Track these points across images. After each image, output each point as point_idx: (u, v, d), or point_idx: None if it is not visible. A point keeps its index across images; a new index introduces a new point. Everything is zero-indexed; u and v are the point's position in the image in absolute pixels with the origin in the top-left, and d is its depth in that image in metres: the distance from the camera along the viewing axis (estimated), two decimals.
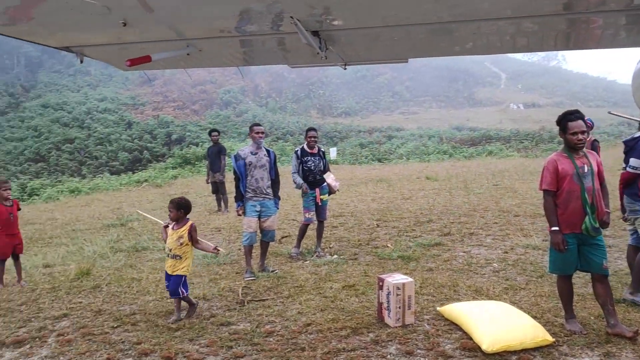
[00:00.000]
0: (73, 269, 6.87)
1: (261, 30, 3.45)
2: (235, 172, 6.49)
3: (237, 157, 6.48)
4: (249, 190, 6.42)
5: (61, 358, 4.22)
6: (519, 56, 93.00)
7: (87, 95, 63.39)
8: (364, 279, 6.06)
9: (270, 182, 6.53)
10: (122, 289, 6.07)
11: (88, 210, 13.14)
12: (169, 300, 5.48)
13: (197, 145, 37.73)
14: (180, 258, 4.98)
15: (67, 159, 46.15)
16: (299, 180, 7.24)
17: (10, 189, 6.60)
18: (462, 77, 72.81)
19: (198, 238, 5.10)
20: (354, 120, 55.32)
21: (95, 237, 9.31)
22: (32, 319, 5.16)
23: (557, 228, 4.24)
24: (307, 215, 7.37)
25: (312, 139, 7.26)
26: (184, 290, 4.99)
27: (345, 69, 4.45)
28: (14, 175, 43.49)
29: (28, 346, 4.51)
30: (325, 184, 7.47)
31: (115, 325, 4.88)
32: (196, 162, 26.53)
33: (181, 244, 4.95)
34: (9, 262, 6.60)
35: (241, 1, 2.82)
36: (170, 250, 5.00)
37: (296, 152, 7.36)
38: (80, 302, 5.63)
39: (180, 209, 5.02)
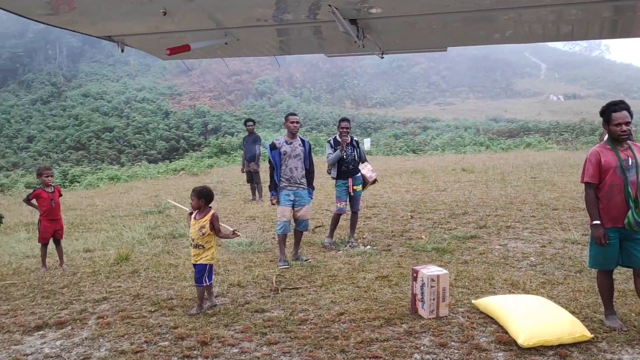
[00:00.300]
0: (112, 254, 7.07)
1: (298, 19, 3.44)
2: (270, 162, 6.53)
3: (272, 147, 6.52)
4: (283, 180, 6.46)
5: (101, 340, 4.35)
6: (559, 46, 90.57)
7: (126, 84, 64.80)
8: (398, 270, 6.03)
9: (304, 172, 6.55)
10: (159, 274, 6.20)
11: (127, 198, 13.45)
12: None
13: (232, 135, 38.14)
14: (203, 247, 4.94)
15: (107, 147, 47.35)
16: (335, 156, 7.18)
17: (52, 176, 6.80)
18: (500, 67, 71.40)
19: (221, 225, 5.04)
20: (388, 111, 54.96)
21: (133, 223, 9.53)
22: (74, 302, 5.33)
23: (598, 222, 4.12)
24: (339, 205, 7.37)
25: (345, 129, 7.24)
26: (207, 280, 4.97)
27: (382, 57, 4.40)
28: (55, 162, 44.89)
29: (69, 327, 4.67)
30: (359, 174, 7.44)
31: (153, 310, 5.00)
32: (231, 152, 26.82)
33: (203, 233, 4.91)
34: (52, 246, 6.82)
35: None
36: (193, 240, 4.99)
37: (329, 141, 7.35)
38: (120, 286, 5.78)
39: (201, 197, 4.93)
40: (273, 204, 6.63)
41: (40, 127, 54.63)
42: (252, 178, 12.00)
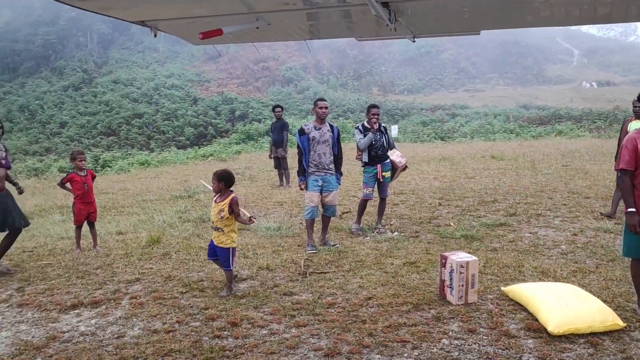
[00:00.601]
0: (144, 237, 7.22)
1: (329, 2, 3.43)
2: (298, 147, 6.55)
3: (300, 132, 6.53)
4: (312, 165, 6.48)
5: (134, 319, 4.46)
6: (593, 31, 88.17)
7: (155, 71, 65.57)
8: (426, 256, 6.02)
9: (332, 158, 6.55)
10: (190, 257, 6.31)
11: (157, 182, 13.68)
12: (234, 268, 5.68)
13: (259, 121, 38.31)
14: (222, 231, 4.95)
15: (136, 133, 48.11)
16: (367, 139, 7.14)
17: (85, 160, 6.96)
18: (531, 53, 69.86)
19: (240, 210, 5.01)
20: (416, 97, 54.44)
21: (164, 207, 9.70)
22: (107, 282, 5.48)
23: (634, 209, 4.04)
24: (365, 190, 7.36)
25: (375, 116, 7.21)
26: (233, 262, 5.03)
27: (414, 41, 4.35)
28: (87, 148, 45.79)
29: (104, 307, 4.80)
30: (388, 160, 7.41)
31: (184, 291, 5.10)
32: (258, 138, 26.96)
33: (222, 217, 4.91)
34: (85, 228, 7.00)
35: None
36: (213, 222, 5.02)
37: (358, 127, 7.32)
38: (151, 268, 5.91)
39: (221, 180, 4.92)
40: (301, 189, 6.67)
41: (72, 113, 55.76)
42: (280, 164, 12.08)
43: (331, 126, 6.61)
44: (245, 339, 4.01)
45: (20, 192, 6.25)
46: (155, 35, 4.21)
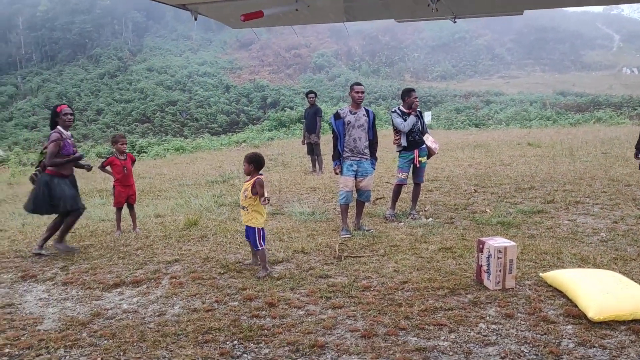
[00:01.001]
0: (182, 220, 7.37)
1: None
2: (333, 131, 6.55)
3: (336, 116, 6.53)
4: (347, 150, 6.47)
5: (174, 298, 4.58)
6: (635, 15, 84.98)
7: (188, 59, 66.37)
8: (462, 242, 5.98)
9: (368, 143, 6.53)
10: (227, 239, 6.42)
11: (192, 167, 13.91)
12: (270, 251, 5.76)
13: (291, 108, 38.37)
14: (247, 210, 5.11)
15: (170, 120, 48.89)
16: (409, 121, 7.08)
17: (126, 144, 7.12)
18: (569, 39, 67.98)
19: (264, 192, 5.09)
20: (449, 84, 53.73)
21: (200, 191, 9.86)
22: (148, 263, 5.62)
23: None
24: (400, 175, 7.32)
25: (416, 99, 7.16)
26: (262, 243, 5.14)
27: (454, 22, 4.29)
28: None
29: (145, 286, 4.93)
30: (424, 145, 7.35)
31: (222, 272, 5.20)
32: (291, 125, 27.05)
33: (245, 196, 5.10)
34: (125, 211, 7.18)
35: None
36: (240, 201, 5.24)
37: (395, 111, 7.26)
38: (190, 250, 6.04)
39: (251, 163, 5.11)
40: (336, 174, 6.68)
41: (108, 101, 56.95)
42: (313, 150, 12.10)
43: (367, 111, 6.58)
44: (282, 318, 4.07)
45: (89, 169, 6.39)
46: (195, 19, 4.26)
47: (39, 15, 77.77)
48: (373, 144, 6.60)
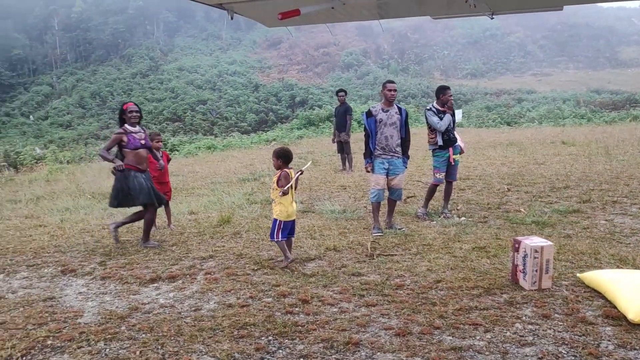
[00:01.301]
0: (215, 217, 7.47)
1: None
2: (365, 129, 6.54)
3: (367, 114, 6.51)
4: (378, 148, 6.45)
5: (209, 293, 4.64)
6: None
7: (218, 58, 67.02)
8: (496, 241, 5.91)
9: (400, 141, 6.50)
10: (259, 236, 6.48)
11: (224, 165, 14.07)
12: (302, 248, 5.79)
13: (320, 107, 38.40)
14: (274, 201, 5.31)
15: (201, 119, 49.42)
16: (446, 120, 7.03)
17: (161, 142, 7.24)
18: (603, 35, 66.17)
19: (287, 185, 5.22)
20: (480, 82, 52.96)
21: (232, 189, 9.97)
22: (183, 258, 5.72)
23: None
24: (437, 175, 7.26)
25: (451, 97, 7.11)
26: (279, 235, 5.26)
27: (492, 18, 4.23)
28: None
29: (180, 281, 5.02)
30: (457, 143, 7.29)
31: (256, 268, 5.25)
32: (320, 123, 27.09)
33: (273, 189, 5.32)
34: (160, 207, 7.29)
35: None
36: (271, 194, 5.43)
37: (430, 109, 7.16)
38: (223, 246, 6.12)
39: (279, 157, 5.31)
40: (368, 172, 6.67)
41: (140, 100, 57.83)
42: (343, 148, 12.10)
43: (399, 108, 6.54)
44: (316, 315, 4.09)
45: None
46: (232, 18, 4.32)
47: (73, 17, 79.58)
48: (405, 142, 6.57)
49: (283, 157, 5.31)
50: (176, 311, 4.29)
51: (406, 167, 6.73)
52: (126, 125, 6.18)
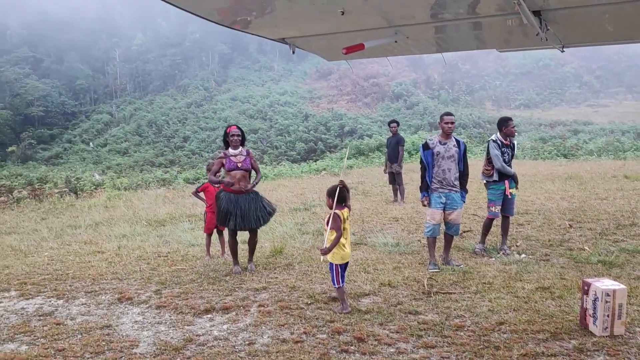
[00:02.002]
0: (267, 247, 7.45)
1: (473, 13, 3.31)
2: (421, 162, 6.41)
3: (424, 146, 6.39)
4: (435, 181, 6.29)
5: (263, 327, 4.57)
6: None
7: (270, 89, 68.50)
8: (560, 281, 5.60)
9: (458, 174, 6.32)
10: (312, 268, 6.40)
11: (275, 195, 14.08)
12: (356, 282, 5.66)
13: (369, 136, 38.39)
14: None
15: (251, 147, 50.23)
16: (511, 170, 6.87)
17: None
18: None
19: (327, 233, 4.90)
20: (533, 112, 51.83)
21: (283, 219, 9.96)
22: (236, 289, 5.69)
23: None
24: (492, 209, 7.01)
25: (514, 128, 6.96)
26: (339, 280, 4.90)
27: (562, 51, 4.08)
28: (206, 161, 48.42)
29: (234, 313, 4.97)
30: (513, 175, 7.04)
31: (309, 302, 5.16)
32: (369, 153, 27.02)
33: (325, 229, 5.00)
34: (214, 236, 7.35)
35: None
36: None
37: (495, 141, 6.91)
38: (276, 278, 6.06)
39: (330, 196, 4.93)
40: (424, 206, 6.50)
41: (194, 128, 59.63)
42: (395, 179, 11.95)
43: (457, 141, 6.38)
44: (372, 355, 3.95)
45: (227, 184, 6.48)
46: (293, 52, 4.35)
47: (134, 49, 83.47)
48: (463, 176, 6.38)
49: (333, 196, 4.91)
50: (230, 344, 4.23)
51: (464, 202, 6.53)
52: (229, 150, 6.42)
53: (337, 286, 4.93)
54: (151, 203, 13.98)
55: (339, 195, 4.89)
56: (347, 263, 5.02)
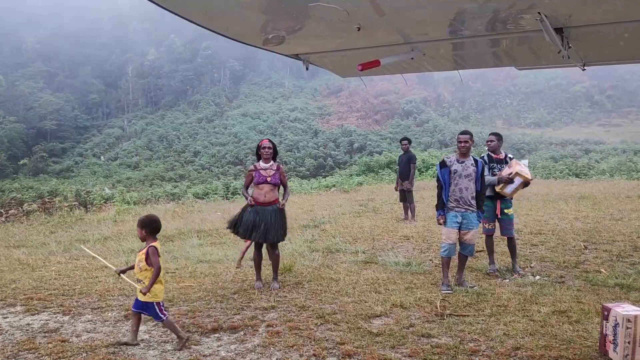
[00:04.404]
0: None
1: (492, 30, 3.24)
2: (438, 180, 6.30)
3: (441, 164, 6.29)
4: (452, 200, 6.17)
5: (272, 348, 4.45)
6: None
7: (280, 105, 68.92)
8: (577, 305, 5.44)
9: (475, 194, 6.20)
10: (321, 287, 6.27)
11: None
12: (367, 303, 5.54)
13: (379, 153, 38.34)
14: (143, 283, 4.46)
15: None
16: (490, 178, 6.74)
17: None
18: None
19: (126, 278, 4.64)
20: (544, 131, 51.66)
21: (292, 235, 9.83)
22: (245, 308, 5.57)
23: None
24: (486, 225, 6.91)
25: (489, 142, 6.95)
26: (164, 313, 4.53)
27: (584, 69, 4.00)
28: (216, 176, 48.60)
29: (242, 332, 4.85)
30: (509, 198, 6.91)
31: (319, 323, 5.03)
32: (379, 170, 26.92)
33: (140, 268, 4.46)
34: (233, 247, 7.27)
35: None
36: (135, 273, 4.56)
37: (482, 157, 6.85)
38: (286, 297, 5.94)
39: (144, 227, 4.48)
40: (440, 224, 6.38)
41: (204, 144, 59.98)
42: (406, 197, 11.83)
43: (475, 160, 6.26)
44: None
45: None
46: (307, 69, 4.30)
47: (146, 64, 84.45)
48: (480, 196, 6.25)
49: (148, 227, 4.46)
50: None
51: (480, 222, 6.39)
52: (260, 163, 6.51)
53: (163, 319, 4.51)
54: (160, 218, 13.92)
55: (154, 227, 4.54)
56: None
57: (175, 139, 63.36)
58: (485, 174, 6.56)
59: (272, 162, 6.52)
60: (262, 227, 6.29)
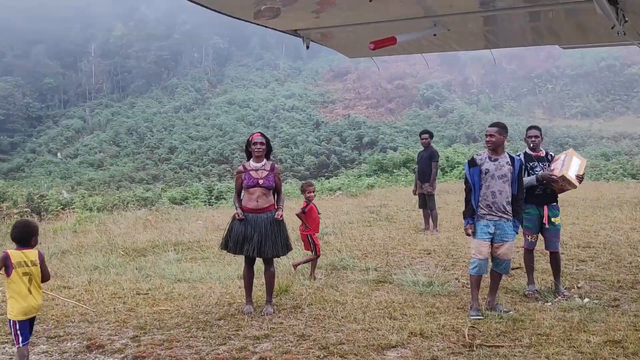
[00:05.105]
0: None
1: (530, 1, 3.24)
2: (466, 181, 6.30)
3: (470, 163, 6.27)
4: (483, 206, 6.16)
5: None
6: None
7: (274, 91, 69.06)
8: (634, 333, 5.45)
9: (510, 198, 6.18)
10: (325, 312, 6.29)
11: None
12: (379, 331, 5.55)
13: (394, 149, 38.37)
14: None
15: None
16: (529, 178, 6.72)
17: (313, 192, 8.47)
18: None
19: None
20: (593, 123, 51.75)
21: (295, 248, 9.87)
22: (232, 337, 5.59)
23: None
24: (528, 237, 6.94)
25: (533, 138, 6.89)
26: (18, 340, 4.49)
27: None
28: (196, 176, 48.66)
29: None
30: (556, 203, 6.90)
31: (322, 355, 5.04)
32: (394, 170, 26.94)
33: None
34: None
35: None
36: None
37: (519, 155, 6.85)
38: (281, 323, 5.96)
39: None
40: (468, 235, 6.38)
41: (183, 138, 60.06)
42: (425, 202, 11.83)
43: (511, 158, 6.25)
44: None
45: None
46: (307, 47, 4.30)
47: (112, 42, 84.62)
48: (517, 201, 6.22)
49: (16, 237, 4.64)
50: None
51: (517, 233, 6.37)
52: (250, 162, 6.51)
53: (17, 346, 4.51)
54: (129, 228, 13.97)
55: (19, 235, 4.69)
56: (33, 318, 4.67)
57: (147, 132, 63.47)
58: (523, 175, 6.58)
59: (264, 160, 6.51)
60: (255, 238, 6.29)
